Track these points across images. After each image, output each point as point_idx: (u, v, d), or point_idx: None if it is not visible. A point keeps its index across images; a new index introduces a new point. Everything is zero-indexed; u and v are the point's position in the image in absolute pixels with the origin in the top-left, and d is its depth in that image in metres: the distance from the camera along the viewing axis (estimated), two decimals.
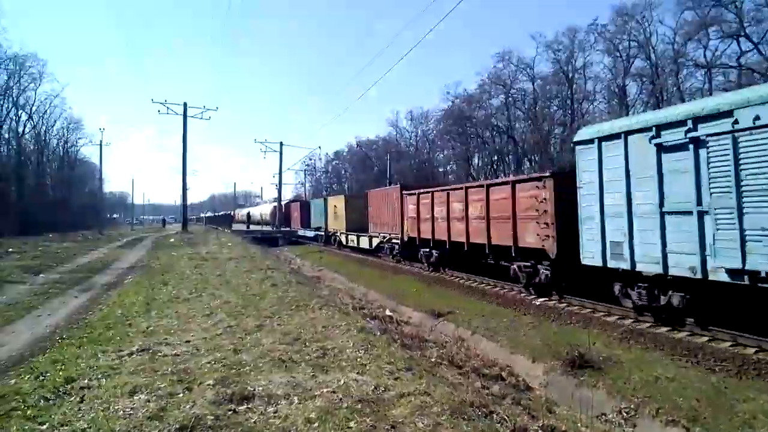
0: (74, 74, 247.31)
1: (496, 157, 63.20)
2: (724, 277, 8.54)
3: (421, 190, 20.81)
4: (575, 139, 12.07)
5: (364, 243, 29.00)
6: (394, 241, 24.52)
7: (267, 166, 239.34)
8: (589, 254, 11.51)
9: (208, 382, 5.70)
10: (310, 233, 42.18)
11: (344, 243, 32.75)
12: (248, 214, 74.50)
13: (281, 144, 54.63)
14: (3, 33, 79.38)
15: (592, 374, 8.41)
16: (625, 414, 7.13)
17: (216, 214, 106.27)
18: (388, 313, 13.37)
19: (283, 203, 55.67)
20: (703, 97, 42.80)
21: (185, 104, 43.79)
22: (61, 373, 6.41)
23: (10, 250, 27.81)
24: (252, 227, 58.42)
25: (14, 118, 61.40)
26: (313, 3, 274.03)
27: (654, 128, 9.81)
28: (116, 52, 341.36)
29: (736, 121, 8.28)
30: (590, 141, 11.43)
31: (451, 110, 66.70)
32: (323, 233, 37.83)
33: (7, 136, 61.31)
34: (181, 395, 5.36)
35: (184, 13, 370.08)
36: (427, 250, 20.68)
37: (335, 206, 34.83)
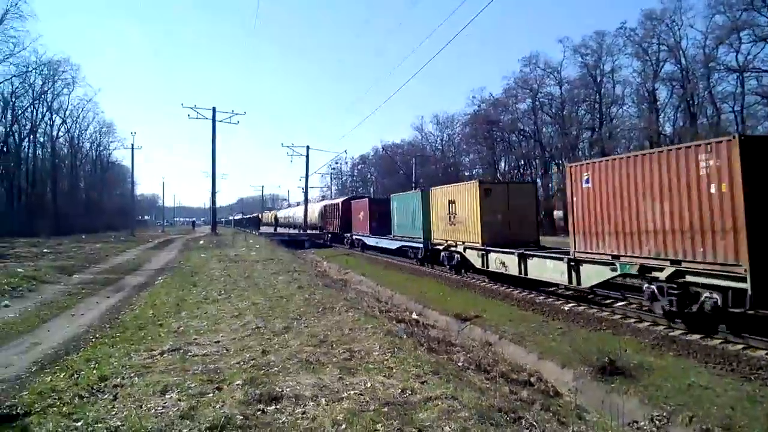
0: (106, 79, 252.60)
1: (522, 162, 62.72)
2: None
3: None
4: None
5: (554, 274, 14.65)
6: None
7: (294, 170, 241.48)
8: None
9: (237, 382, 5.74)
10: (391, 244, 29.30)
11: (480, 266, 18.95)
12: (275, 216, 75.13)
13: (308, 148, 54.92)
14: (38, 39, 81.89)
15: (623, 381, 8.25)
16: (657, 422, 6.97)
17: (244, 216, 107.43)
18: (414, 316, 13.33)
19: (339, 201, 43.80)
20: (736, 101, 41.99)
21: (214, 109, 44.36)
22: (95, 371, 6.53)
23: (46, 250, 28.51)
24: (281, 230, 58.72)
25: (49, 122, 63.25)
26: (339, 10, 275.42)
27: None
28: (147, 57, 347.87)
29: None
30: None
31: (477, 114, 66.42)
32: (421, 245, 24.24)
33: (42, 139, 63.11)
34: (211, 395, 5.40)
35: (214, 19, 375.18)
36: None
37: (452, 202, 20.95)
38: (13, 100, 54.41)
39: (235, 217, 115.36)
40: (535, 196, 20.53)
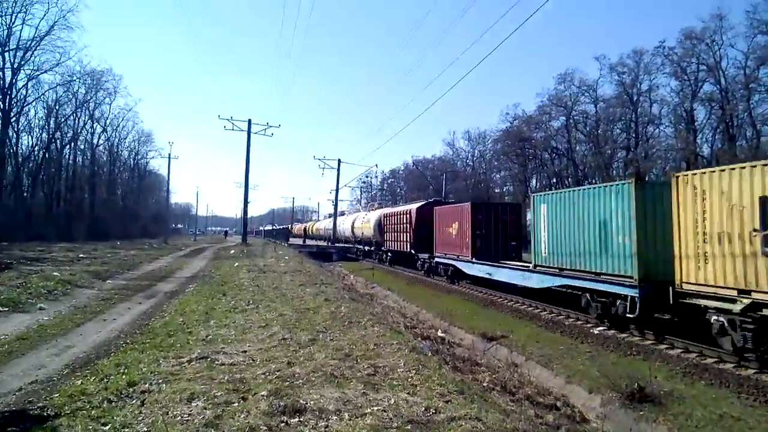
0: (146, 89, 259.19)
1: (554, 180, 62.10)
2: None
3: None
4: None
5: None
6: None
7: (325, 183, 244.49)
8: None
9: (262, 392, 5.79)
10: (527, 279, 17.51)
11: None
12: (304, 228, 75.80)
13: (339, 161, 55.45)
14: (83, 49, 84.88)
15: (652, 409, 8.06)
16: None
17: (274, 227, 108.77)
18: (440, 334, 13.26)
19: (413, 208, 30.91)
20: None
21: (249, 121, 45.13)
22: (124, 376, 6.65)
23: (81, 255, 29.21)
24: (309, 242, 59.06)
25: (90, 130, 65.18)
26: (373, 24, 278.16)
27: None
28: (186, 70, 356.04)
29: None
30: None
31: (510, 131, 66.18)
32: (632, 291, 12.46)
33: (82, 147, 65.08)
34: (236, 404, 5.46)
35: (251, 32, 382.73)
36: None
37: None
38: (57, 108, 56.12)
39: (266, 228, 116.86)
40: None
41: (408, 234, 30.45)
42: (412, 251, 29.56)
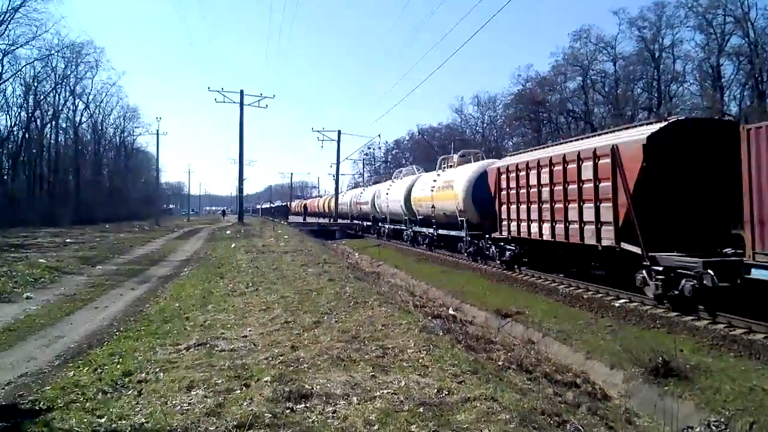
0: (130, 61, 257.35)
1: None
2: None
3: None
4: None
5: None
6: None
7: (324, 156, 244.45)
8: None
9: (265, 378, 5.84)
10: None
11: None
12: (305, 205, 75.82)
13: (339, 132, 55.16)
14: (61, 20, 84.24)
15: (677, 383, 8.11)
16: (714, 428, 6.84)
17: (272, 205, 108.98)
18: (451, 312, 13.34)
19: (630, 140, 12.97)
20: None
21: (242, 92, 45.01)
22: (119, 366, 6.72)
23: (68, 240, 29.41)
24: (310, 219, 58.97)
25: (72, 107, 65.05)
26: None
27: None
28: (173, 39, 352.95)
29: None
30: None
31: (522, 94, 65.50)
32: None
33: (64, 125, 64.99)
34: (238, 392, 5.52)
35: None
36: None
37: None
38: (36, 84, 56.09)
39: (263, 206, 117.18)
40: None
41: (599, 204, 14.02)
42: (622, 244, 13.27)
